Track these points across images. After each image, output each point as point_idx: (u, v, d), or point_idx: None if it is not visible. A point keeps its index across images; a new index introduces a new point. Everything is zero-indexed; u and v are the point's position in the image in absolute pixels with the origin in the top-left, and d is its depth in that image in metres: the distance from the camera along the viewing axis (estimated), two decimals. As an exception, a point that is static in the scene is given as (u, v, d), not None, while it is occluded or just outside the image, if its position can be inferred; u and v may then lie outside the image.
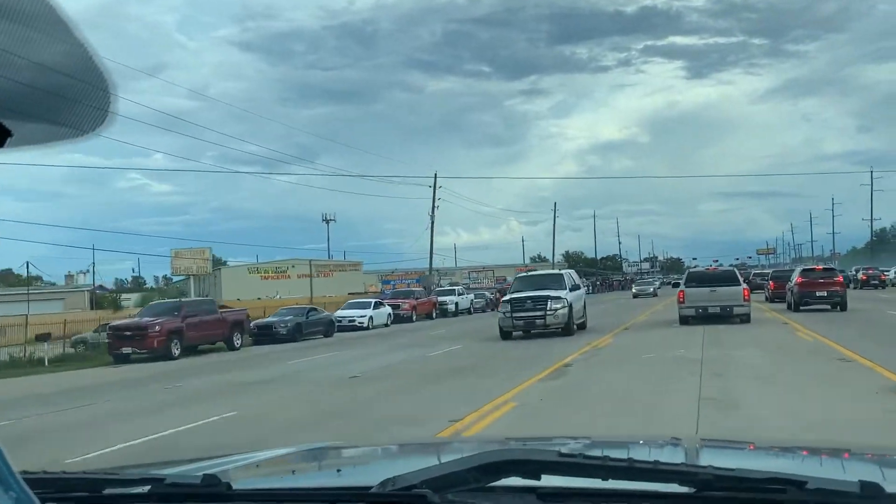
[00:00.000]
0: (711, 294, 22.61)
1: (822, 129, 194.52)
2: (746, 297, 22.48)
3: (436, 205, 47.46)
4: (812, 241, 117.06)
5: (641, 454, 2.14)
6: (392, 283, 52.06)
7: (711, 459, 1.77)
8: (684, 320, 22.56)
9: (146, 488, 1.44)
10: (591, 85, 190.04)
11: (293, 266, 57.78)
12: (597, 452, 1.83)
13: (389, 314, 34.69)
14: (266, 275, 60.83)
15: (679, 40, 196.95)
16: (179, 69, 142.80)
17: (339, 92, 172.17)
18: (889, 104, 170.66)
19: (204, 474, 1.47)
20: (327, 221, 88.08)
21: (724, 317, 21.93)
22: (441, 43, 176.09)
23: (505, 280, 69.66)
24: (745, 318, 21.96)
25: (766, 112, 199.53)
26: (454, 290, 43.63)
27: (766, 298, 33.99)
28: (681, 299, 23.05)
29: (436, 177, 48.25)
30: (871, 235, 78.62)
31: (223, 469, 1.76)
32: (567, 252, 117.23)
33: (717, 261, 35.18)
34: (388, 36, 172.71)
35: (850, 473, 1.75)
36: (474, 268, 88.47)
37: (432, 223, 47.61)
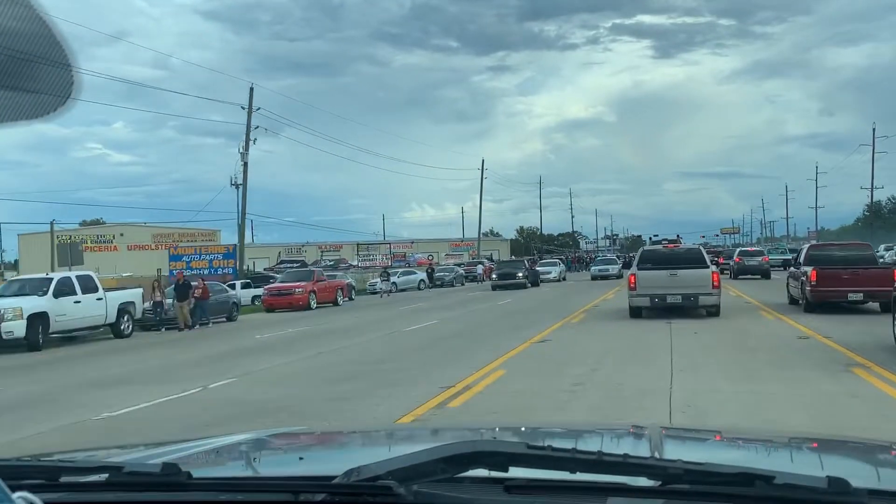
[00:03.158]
0: (671, 279, 18.74)
1: (785, 110, 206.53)
2: (716, 284, 18.77)
3: (251, 138, 35.51)
4: (788, 218, 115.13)
5: (610, 446, 2.14)
6: (186, 258, 34.60)
7: (680, 452, 2.07)
8: (636, 312, 19.01)
9: (104, 476, 1.47)
10: (559, 62, 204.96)
11: (121, 234, 48.66)
12: (565, 443, 1.96)
13: None
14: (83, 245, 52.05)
15: (647, 19, 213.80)
16: (141, 37, 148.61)
17: (306, 64, 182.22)
18: (851, 88, 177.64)
19: (163, 462, 1.51)
20: (237, 186, 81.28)
21: (687, 308, 18.65)
22: (409, 16, 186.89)
23: (406, 258, 63.87)
24: (714, 311, 18.69)
25: (731, 93, 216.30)
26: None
27: (799, 301, 19.88)
28: (632, 285, 19.04)
29: (251, 92, 36.08)
30: (871, 203, 71.59)
31: (181, 456, 1.85)
32: (521, 227, 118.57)
33: (679, 236, 27.42)
34: (355, 7, 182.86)
35: (818, 467, 1.93)
36: (403, 242, 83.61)
37: (245, 168, 35.11)
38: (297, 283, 30.79)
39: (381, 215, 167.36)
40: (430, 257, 63.62)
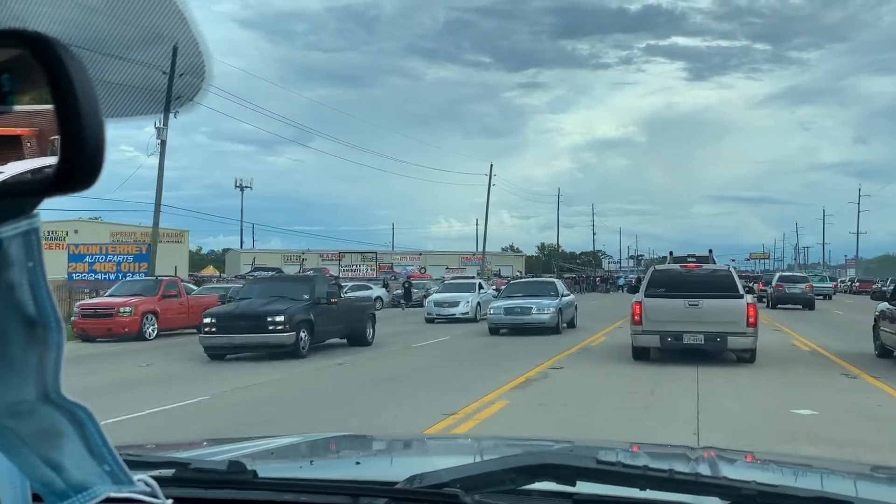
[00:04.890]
0: (691, 311, 13.81)
1: (818, 137, 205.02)
2: (753, 320, 13.63)
3: (172, 111, 29.59)
4: (824, 244, 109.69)
5: (679, 465, 1.99)
6: (89, 258, 27.16)
7: (747, 474, 1.86)
8: (640, 354, 14.28)
9: (170, 472, 1.47)
10: (591, 81, 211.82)
11: (76, 231, 43.46)
12: (621, 459, 1.71)
13: None
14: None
15: (682, 41, 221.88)
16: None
17: (339, 75, 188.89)
18: (887, 116, 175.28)
19: (229, 460, 1.54)
20: (242, 188, 78.41)
21: (711, 352, 13.87)
22: (442, 31, 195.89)
23: (392, 269, 59.15)
24: (747, 357, 13.81)
25: (764, 117, 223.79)
26: None
27: None
28: (636, 317, 14.13)
29: (175, 52, 32.52)
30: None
31: (242, 455, 1.86)
32: (542, 244, 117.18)
33: (711, 252, 20.52)
34: (389, 21, 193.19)
35: (890, 494, 1.85)
36: (412, 253, 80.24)
37: (162, 147, 26.91)
38: (127, 300, 20.85)
39: (404, 227, 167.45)
40: (422, 270, 59.29)
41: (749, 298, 14.19)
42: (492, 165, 63.61)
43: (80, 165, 0.62)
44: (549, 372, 13.21)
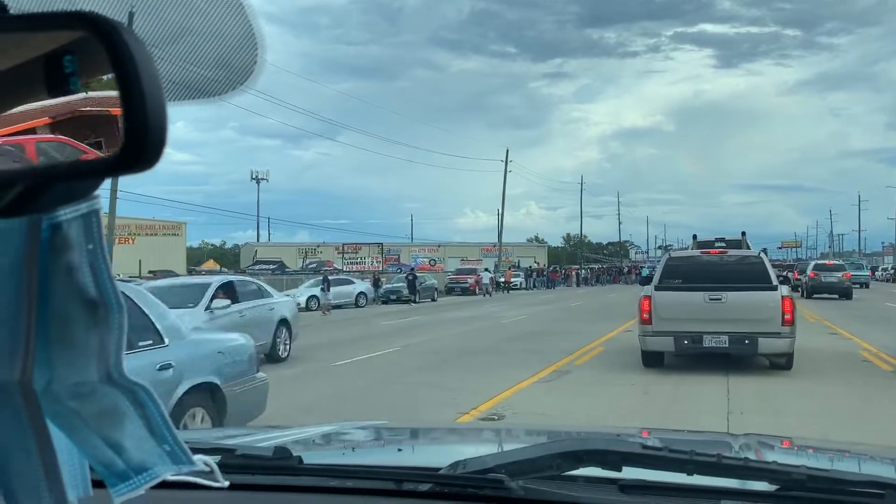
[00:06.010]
0: (712, 307, 11.33)
1: (850, 124, 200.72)
2: (789, 317, 11.06)
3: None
4: (860, 230, 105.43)
5: (725, 451, 1.88)
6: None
7: (793, 459, 1.87)
8: (651, 360, 11.77)
9: (217, 458, 1.40)
10: (618, 70, 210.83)
11: None
12: (667, 445, 1.76)
13: None
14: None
15: (710, 28, 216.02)
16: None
17: (364, 68, 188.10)
18: None
19: (275, 447, 1.56)
20: (258, 180, 77.11)
21: (739, 357, 11.47)
22: (467, 22, 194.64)
23: (399, 261, 56.41)
24: (783, 363, 11.27)
25: (794, 105, 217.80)
26: None
27: None
28: (645, 315, 11.58)
29: (130, 18, 32.67)
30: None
31: (285, 442, 1.87)
32: (568, 235, 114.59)
33: (745, 234, 14.82)
34: (414, 12, 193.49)
35: None
36: (430, 245, 78.38)
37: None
38: None
39: (432, 219, 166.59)
40: (433, 262, 56.84)
41: (784, 290, 11.64)
42: (507, 151, 61.21)
43: (144, 145, 0.63)
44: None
